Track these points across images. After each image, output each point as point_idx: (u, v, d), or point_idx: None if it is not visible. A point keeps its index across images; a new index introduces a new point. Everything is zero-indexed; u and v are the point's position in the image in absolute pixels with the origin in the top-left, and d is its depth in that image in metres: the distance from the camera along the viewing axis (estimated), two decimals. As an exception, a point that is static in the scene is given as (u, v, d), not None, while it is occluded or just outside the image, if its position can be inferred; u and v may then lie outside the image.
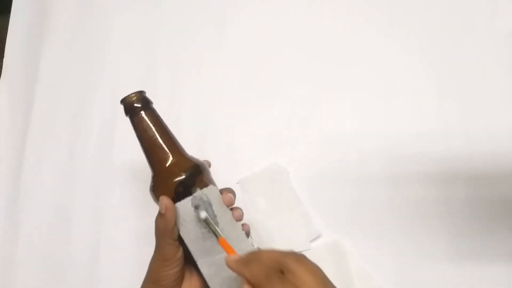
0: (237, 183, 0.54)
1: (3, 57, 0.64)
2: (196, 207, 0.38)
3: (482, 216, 0.51)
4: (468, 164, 0.53)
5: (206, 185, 0.39)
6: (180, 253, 0.39)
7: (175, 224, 0.38)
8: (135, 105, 0.39)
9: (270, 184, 0.53)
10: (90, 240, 0.55)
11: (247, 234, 0.42)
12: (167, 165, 0.39)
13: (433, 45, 0.57)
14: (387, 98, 0.56)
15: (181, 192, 0.38)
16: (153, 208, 0.41)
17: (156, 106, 0.57)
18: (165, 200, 0.38)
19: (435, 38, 0.58)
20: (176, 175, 0.38)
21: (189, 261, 0.40)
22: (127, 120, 0.57)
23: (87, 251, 0.55)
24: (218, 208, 0.39)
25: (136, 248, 0.50)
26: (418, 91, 0.56)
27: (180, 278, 0.40)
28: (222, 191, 0.41)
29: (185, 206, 0.38)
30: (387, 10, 0.59)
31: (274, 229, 0.51)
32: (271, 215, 0.52)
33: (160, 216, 0.38)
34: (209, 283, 0.39)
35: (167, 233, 0.38)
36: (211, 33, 0.61)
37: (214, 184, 0.41)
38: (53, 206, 0.57)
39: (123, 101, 0.40)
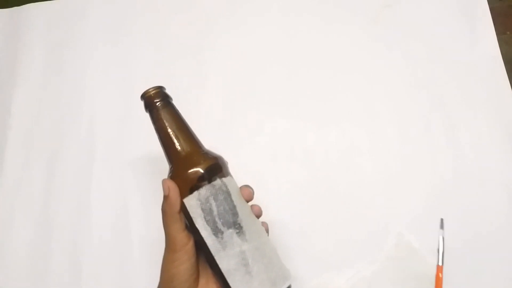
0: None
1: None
2: (215, 197, 0.36)
3: (470, 236, 0.51)
4: (456, 189, 0.53)
5: (224, 176, 0.38)
6: (190, 244, 0.37)
7: (181, 208, 0.37)
8: (154, 100, 0.39)
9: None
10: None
11: (267, 231, 0.41)
12: (186, 157, 0.38)
13: (417, 75, 0.58)
14: (372, 129, 0.56)
15: (200, 183, 0.37)
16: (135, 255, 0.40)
17: (134, 139, 0.58)
18: (168, 182, 0.37)
19: (418, 68, 0.58)
20: (195, 167, 0.37)
21: (205, 262, 0.38)
22: (103, 165, 0.57)
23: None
24: (237, 199, 0.38)
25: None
26: (403, 120, 0.56)
27: (193, 281, 0.37)
28: (241, 187, 0.40)
29: (203, 195, 0.37)
30: (370, 42, 0.60)
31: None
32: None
33: (164, 199, 0.37)
34: (228, 279, 0.36)
35: (173, 216, 0.36)
36: (189, 65, 0.61)
37: (232, 178, 0.40)
38: (27, 257, 0.54)
39: (143, 97, 0.40)
